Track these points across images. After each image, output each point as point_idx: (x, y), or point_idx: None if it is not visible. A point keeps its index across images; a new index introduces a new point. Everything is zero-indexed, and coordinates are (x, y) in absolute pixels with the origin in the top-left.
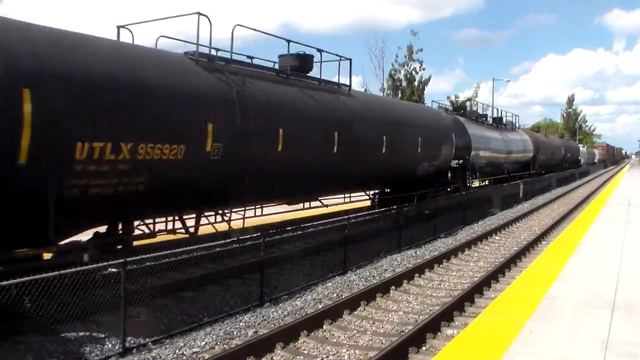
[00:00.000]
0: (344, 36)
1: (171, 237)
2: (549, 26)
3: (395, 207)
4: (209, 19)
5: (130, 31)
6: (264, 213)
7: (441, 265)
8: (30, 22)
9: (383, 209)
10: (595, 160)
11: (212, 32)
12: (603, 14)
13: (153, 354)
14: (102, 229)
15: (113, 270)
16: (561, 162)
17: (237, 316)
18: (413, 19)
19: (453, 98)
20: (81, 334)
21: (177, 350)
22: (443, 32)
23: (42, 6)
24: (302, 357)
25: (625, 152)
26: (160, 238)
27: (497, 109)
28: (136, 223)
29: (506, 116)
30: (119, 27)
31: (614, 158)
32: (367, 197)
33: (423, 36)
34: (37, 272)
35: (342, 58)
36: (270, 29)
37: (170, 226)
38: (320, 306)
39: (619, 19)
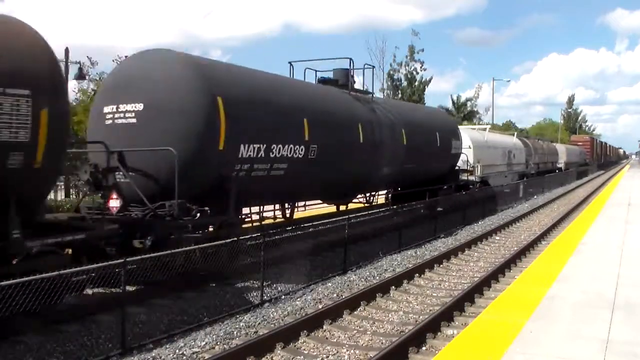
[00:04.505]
0: (345, 36)
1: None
2: (551, 26)
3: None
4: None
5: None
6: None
7: (441, 265)
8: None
9: (384, 209)
10: (560, 165)
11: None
12: (606, 14)
13: (153, 354)
14: None
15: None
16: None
17: (237, 316)
18: (415, 19)
19: (455, 97)
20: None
21: (177, 350)
22: (445, 31)
23: (42, 5)
24: (302, 357)
25: (624, 152)
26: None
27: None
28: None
29: None
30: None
31: (606, 159)
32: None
33: (425, 36)
34: None
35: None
36: (272, 29)
37: None
38: (320, 306)
39: (621, 19)
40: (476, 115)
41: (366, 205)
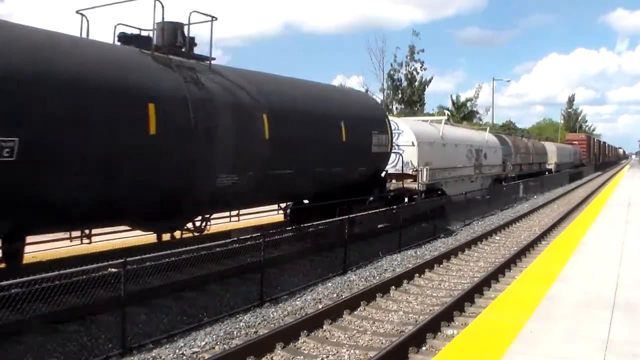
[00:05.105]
0: (346, 36)
1: None
2: (551, 26)
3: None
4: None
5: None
6: None
7: (441, 265)
8: None
9: (384, 209)
10: (550, 166)
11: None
12: (606, 14)
13: (153, 354)
14: None
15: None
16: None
17: (237, 316)
18: (415, 18)
19: (455, 97)
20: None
21: (177, 350)
22: (445, 31)
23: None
24: (302, 357)
25: (624, 152)
26: None
27: None
28: None
29: None
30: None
31: (604, 160)
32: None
33: (426, 36)
34: None
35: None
36: (273, 28)
37: None
38: (320, 306)
39: (622, 19)
40: (476, 116)
41: (196, 234)
